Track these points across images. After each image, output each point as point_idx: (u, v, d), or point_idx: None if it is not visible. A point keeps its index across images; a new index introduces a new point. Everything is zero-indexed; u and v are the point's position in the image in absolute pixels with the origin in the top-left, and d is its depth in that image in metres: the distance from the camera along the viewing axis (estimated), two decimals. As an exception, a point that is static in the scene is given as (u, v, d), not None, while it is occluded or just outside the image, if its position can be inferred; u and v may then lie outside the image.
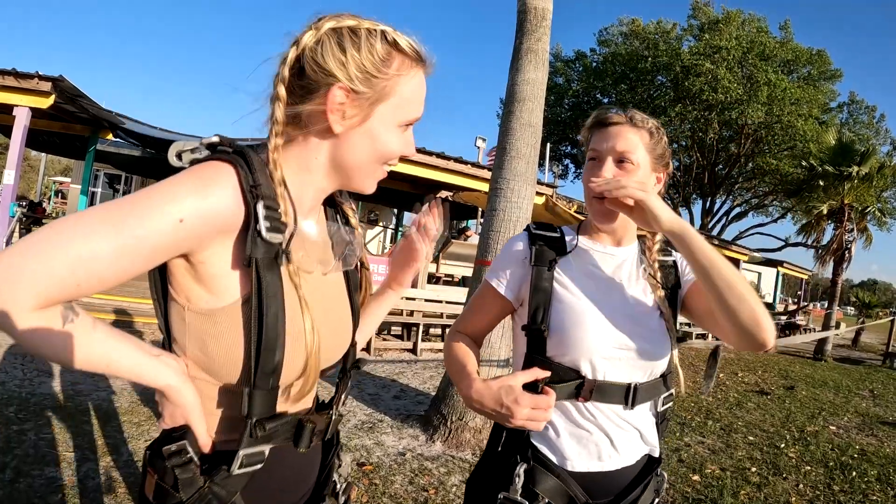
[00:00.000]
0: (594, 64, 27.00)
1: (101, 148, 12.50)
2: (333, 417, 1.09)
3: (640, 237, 1.43)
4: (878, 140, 27.56)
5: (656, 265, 1.38)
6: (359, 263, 1.13)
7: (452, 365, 1.34)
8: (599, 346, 1.24)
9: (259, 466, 0.91)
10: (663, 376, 1.34)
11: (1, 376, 4.71)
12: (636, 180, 1.26)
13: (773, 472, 4.68)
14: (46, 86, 7.94)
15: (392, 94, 0.91)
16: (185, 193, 0.77)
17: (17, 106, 8.05)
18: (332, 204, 1.12)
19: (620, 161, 1.27)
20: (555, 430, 1.29)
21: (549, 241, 1.36)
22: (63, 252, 0.69)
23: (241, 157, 0.85)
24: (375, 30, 0.89)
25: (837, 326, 16.34)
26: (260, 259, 0.83)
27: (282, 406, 0.94)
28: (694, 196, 28.93)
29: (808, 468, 4.88)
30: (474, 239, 12.30)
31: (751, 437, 5.63)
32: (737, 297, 1.11)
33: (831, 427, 6.51)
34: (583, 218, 1.48)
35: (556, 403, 1.20)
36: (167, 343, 0.93)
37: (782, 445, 5.48)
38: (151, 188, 0.78)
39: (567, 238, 1.38)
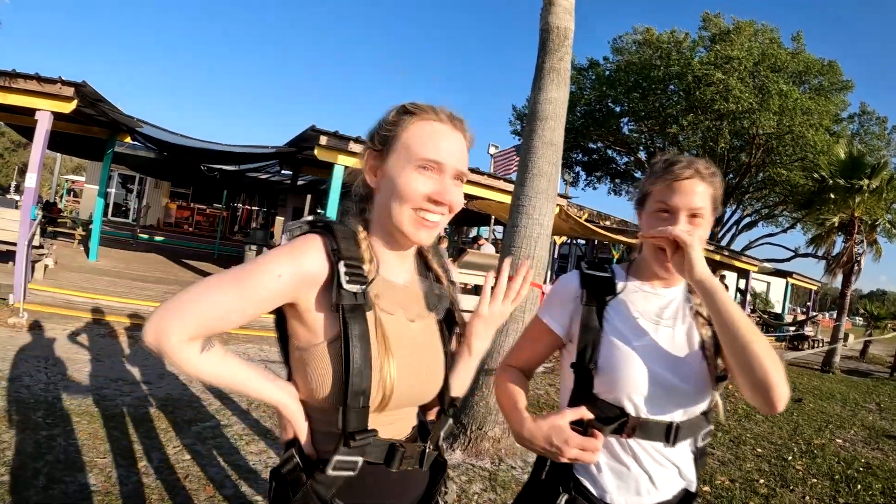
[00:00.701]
0: (607, 72, 27.00)
1: (118, 150, 12.62)
2: (427, 450, 1.21)
3: None
4: (890, 151, 27.47)
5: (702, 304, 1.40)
6: (452, 315, 1.29)
7: (504, 400, 1.45)
8: (644, 386, 1.29)
9: (352, 473, 1.07)
10: (704, 413, 1.38)
11: (26, 380, 4.77)
12: (701, 232, 1.34)
13: (780, 484, 4.76)
14: (69, 91, 8.03)
15: (399, 143, 1.11)
16: (283, 256, 1.04)
17: (39, 110, 8.14)
18: (427, 263, 1.32)
19: (692, 216, 1.33)
20: (597, 465, 1.35)
21: (600, 282, 1.43)
22: (206, 300, 0.99)
23: (328, 228, 1.10)
24: (401, 105, 1.16)
25: (846, 338, 16.31)
26: (346, 305, 1.04)
27: (375, 426, 1.09)
28: (703, 205, 28.86)
29: (815, 480, 4.95)
30: (487, 247, 12.36)
31: (759, 449, 5.69)
32: (752, 357, 1.16)
33: (838, 440, 6.56)
34: (593, 227, 1.58)
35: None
36: (288, 374, 1.17)
37: (790, 458, 5.54)
38: (263, 256, 1.05)
39: (617, 279, 1.45)
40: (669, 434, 1.31)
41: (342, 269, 1.04)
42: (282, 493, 1.12)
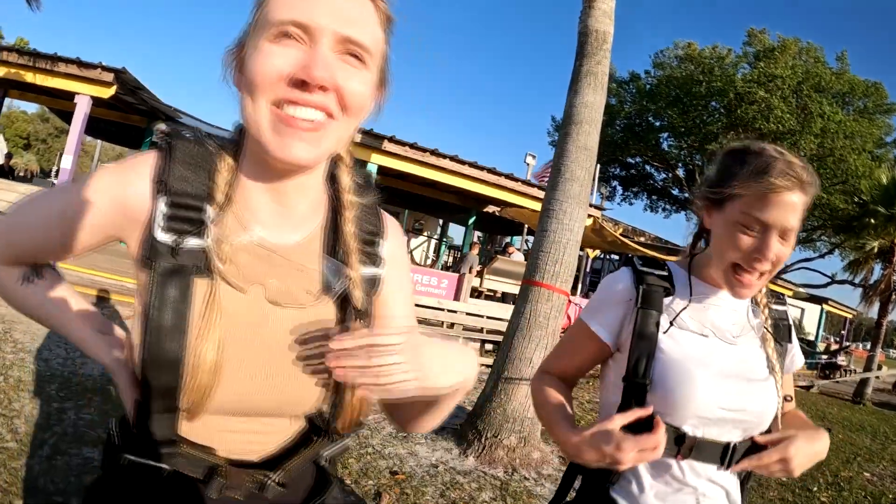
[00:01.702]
0: (648, 86, 26.66)
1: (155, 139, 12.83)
2: (268, 483, 0.84)
3: None
4: (936, 178, 26.64)
5: (769, 316, 1.27)
6: (346, 311, 0.86)
7: (544, 410, 1.27)
8: (707, 407, 1.13)
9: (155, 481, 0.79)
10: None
11: (45, 354, 4.79)
12: (787, 251, 1.12)
13: (805, 515, 4.53)
14: (109, 76, 8.18)
15: (262, 14, 0.73)
16: (104, 176, 0.79)
17: (78, 94, 8.29)
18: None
19: (782, 236, 1.10)
20: (639, 485, 1.19)
21: (656, 281, 1.22)
22: (21, 215, 0.83)
23: (170, 145, 0.77)
24: None
25: (879, 369, 15.84)
26: (158, 264, 0.74)
27: (191, 431, 0.80)
28: (740, 226, 28.34)
29: (840, 514, 4.71)
30: (517, 256, 12.25)
31: (783, 479, 5.44)
32: None
33: (865, 474, 6.31)
34: (628, 242, 1.40)
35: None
36: None
37: (815, 489, 5.33)
38: (91, 173, 0.82)
39: (677, 279, 1.24)
40: (725, 456, 1.16)
41: (160, 208, 0.73)
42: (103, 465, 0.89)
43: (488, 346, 9.23)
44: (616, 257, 22.15)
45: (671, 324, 1.18)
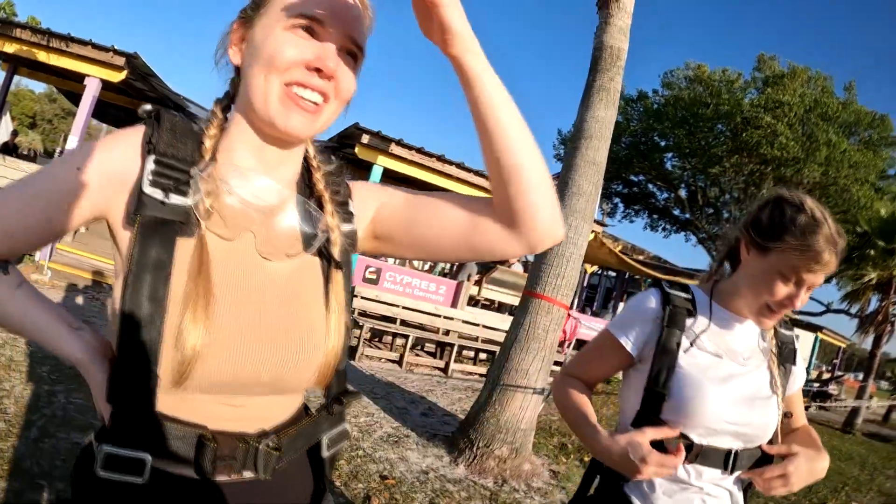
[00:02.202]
0: (655, 105, 26.71)
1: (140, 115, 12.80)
2: (260, 449, 0.81)
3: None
4: (936, 213, 26.72)
5: (777, 341, 1.42)
6: (329, 262, 0.90)
7: (572, 411, 1.39)
8: (715, 420, 1.27)
9: (138, 480, 0.74)
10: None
11: (39, 336, 4.77)
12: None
13: (792, 543, 4.51)
14: (120, 61, 8.15)
15: (274, 5, 0.82)
16: (87, 148, 0.78)
17: (88, 76, 8.27)
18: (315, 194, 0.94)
19: (809, 287, 1.27)
20: (650, 484, 1.33)
21: (682, 303, 1.36)
22: None
23: (157, 117, 0.80)
24: None
25: (870, 399, 15.89)
26: (145, 218, 0.74)
27: (177, 411, 0.77)
28: (738, 249, 28.38)
29: (827, 543, 4.69)
30: (517, 266, 12.25)
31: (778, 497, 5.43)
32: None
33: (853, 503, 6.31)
34: (627, 259, 1.51)
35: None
36: None
37: (804, 517, 5.27)
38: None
39: (699, 303, 1.39)
40: (728, 462, 1.30)
41: (149, 165, 0.75)
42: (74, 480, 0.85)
43: (483, 356, 9.22)
44: (613, 274, 22.17)
45: (691, 344, 1.33)
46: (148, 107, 0.82)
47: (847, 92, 25.01)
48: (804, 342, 28.16)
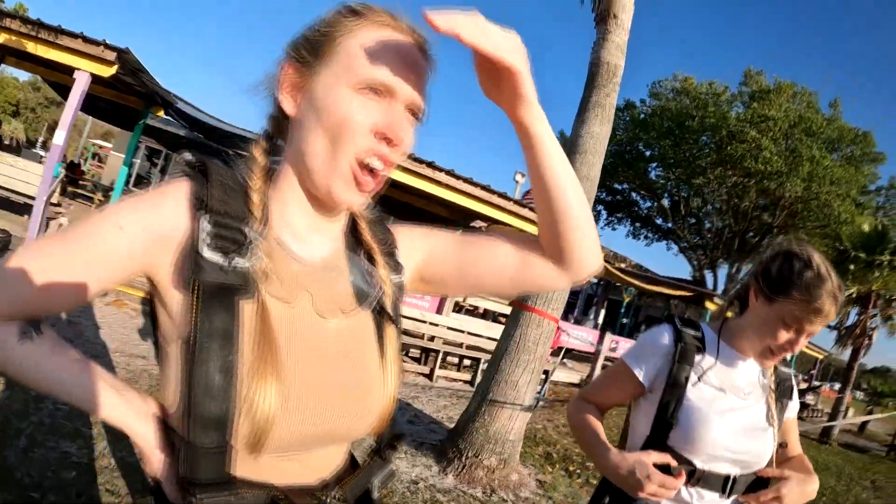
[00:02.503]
0: (642, 115, 26.93)
1: (149, 122, 12.67)
2: (328, 502, 0.83)
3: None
4: (914, 229, 27.19)
5: (776, 378, 1.56)
6: (382, 316, 0.90)
7: (585, 432, 1.52)
8: (716, 448, 1.40)
9: None
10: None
11: (24, 337, 4.69)
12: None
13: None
14: (111, 55, 8.02)
15: (337, 52, 0.78)
16: (131, 205, 0.75)
17: (78, 70, 8.15)
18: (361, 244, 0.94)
19: (809, 334, 1.41)
20: None
21: (692, 341, 1.49)
22: (24, 265, 0.71)
23: (204, 170, 0.78)
24: (342, 4, 0.83)
25: (847, 410, 16.17)
26: (205, 283, 0.71)
27: (248, 472, 0.77)
28: (721, 260, 28.65)
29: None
30: None
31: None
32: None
33: (830, 514, 6.39)
34: (609, 267, 1.63)
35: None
36: None
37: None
38: (110, 205, 0.77)
39: (708, 341, 1.51)
40: (726, 486, 1.43)
41: (205, 226, 0.72)
42: None
43: (467, 362, 9.22)
44: (595, 280, 22.27)
45: (699, 379, 1.45)
46: (189, 156, 0.80)
47: (832, 108, 25.39)
48: (782, 353, 28.46)
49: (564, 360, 11.39)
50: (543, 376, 7.78)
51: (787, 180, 22.07)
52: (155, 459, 0.78)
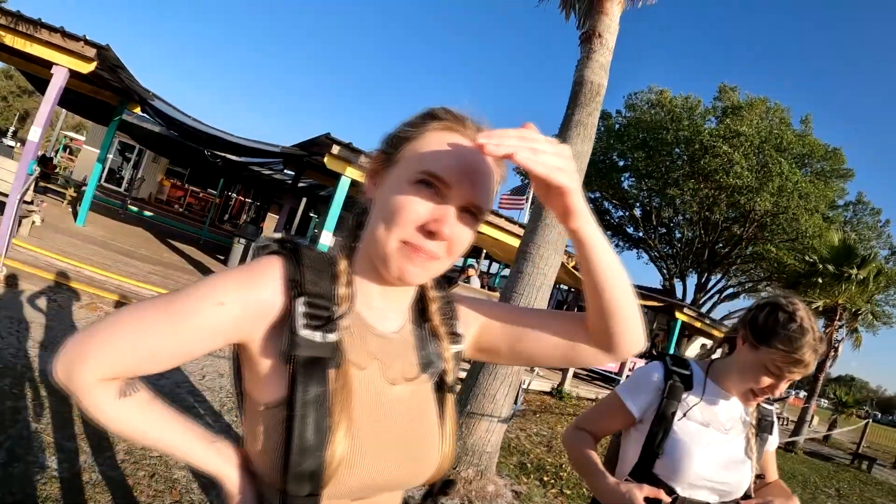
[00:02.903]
0: (617, 126, 27.31)
1: (125, 118, 12.49)
2: None
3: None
4: (879, 244, 27.97)
5: (756, 414, 1.69)
6: (443, 385, 1.00)
7: (583, 460, 1.64)
8: (697, 477, 1.53)
9: None
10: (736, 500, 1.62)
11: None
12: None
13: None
14: (91, 52, 7.89)
15: (408, 150, 0.88)
16: (229, 281, 0.82)
17: (57, 65, 8.00)
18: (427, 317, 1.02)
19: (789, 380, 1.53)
20: None
21: (681, 379, 1.62)
22: (123, 332, 0.78)
23: (296, 251, 0.86)
24: (431, 107, 0.92)
25: (811, 422, 16.54)
26: (300, 358, 0.80)
27: None
28: (690, 270, 29.13)
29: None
30: (475, 281, 12.35)
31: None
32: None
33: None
34: (580, 275, 1.67)
35: None
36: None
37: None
38: (207, 279, 0.83)
39: (695, 378, 1.64)
40: None
41: (300, 308, 0.81)
42: None
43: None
44: (566, 287, 22.45)
45: (684, 414, 1.59)
46: (277, 235, 0.90)
47: (804, 124, 26.01)
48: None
49: (538, 370, 11.49)
50: (519, 386, 7.87)
51: (757, 196, 22.55)
52: (242, 502, 0.87)
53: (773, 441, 1.74)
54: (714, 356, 1.74)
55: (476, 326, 1.07)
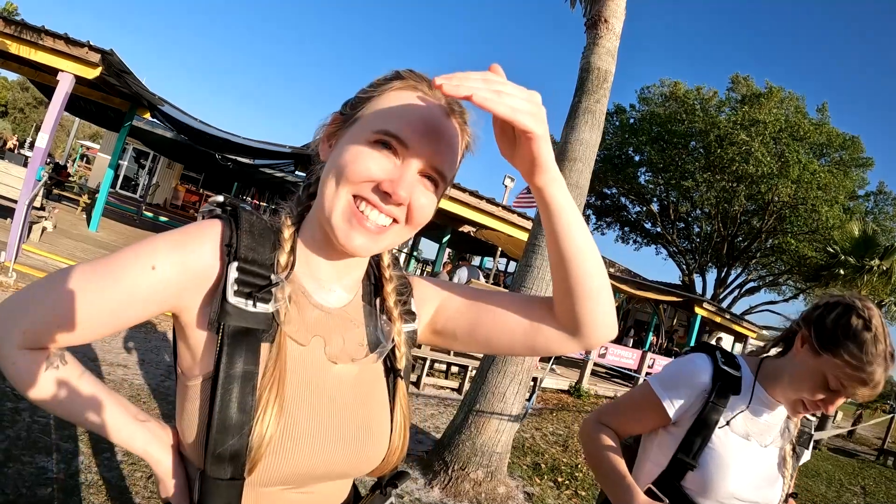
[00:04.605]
0: (631, 120, 27.04)
1: (135, 124, 12.55)
2: None
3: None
4: (902, 233, 27.36)
5: (800, 428, 1.49)
6: (392, 367, 0.93)
7: (604, 464, 1.40)
8: (729, 497, 1.35)
9: None
10: None
11: None
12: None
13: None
14: (95, 57, 7.94)
15: (368, 109, 0.82)
16: (164, 243, 0.76)
17: (62, 71, 8.04)
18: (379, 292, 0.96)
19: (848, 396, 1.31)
20: None
21: (731, 381, 1.39)
22: (46, 295, 0.73)
23: (235, 214, 0.81)
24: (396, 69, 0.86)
25: (835, 416, 16.24)
26: (229, 327, 0.74)
27: (255, 502, 0.81)
28: (709, 265, 28.75)
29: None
30: (462, 272, 12.26)
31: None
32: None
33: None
34: None
35: None
36: None
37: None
38: (141, 241, 0.77)
39: (744, 381, 1.41)
40: None
41: (232, 273, 0.75)
42: None
43: (454, 369, 9.17)
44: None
45: (727, 423, 1.37)
46: (219, 198, 0.84)
47: (820, 113, 25.57)
48: (771, 357, 28.60)
49: (553, 367, 11.35)
50: (532, 383, 7.74)
51: (777, 183, 22.18)
52: (171, 486, 0.82)
53: (806, 456, 1.53)
54: (767, 354, 1.51)
55: (432, 306, 1.00)
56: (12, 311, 0.74)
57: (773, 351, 1.50)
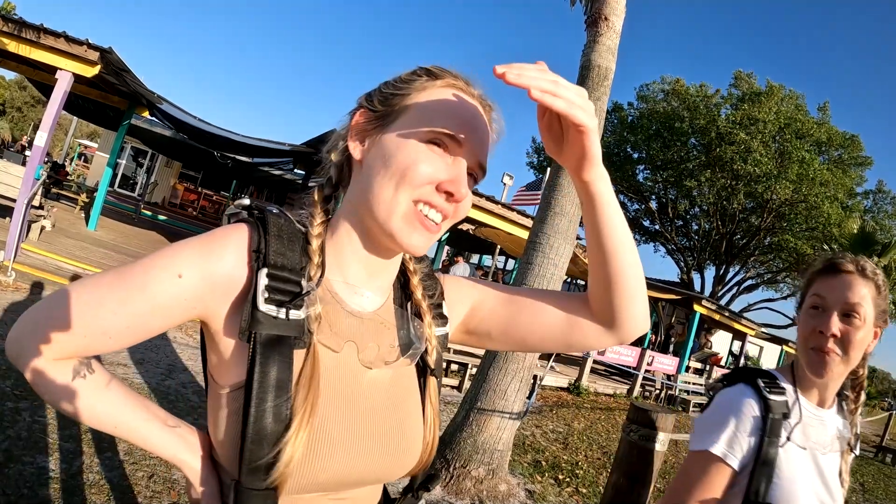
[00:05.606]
0: (630, 118, 27.03)
1: (134, 122, 12.53)
2: None
3: (839, 395, 1.41)
4: (900, 232, 27.36)
5: (853, 429, 1.40)
6: (425, 369, 0.92)
7: None
8: None
9: None
10: None
11: (1, 344, 4.58)
12: (859, 335, 1.24)
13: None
14: (94, 55, 7.91)
15: (409, 107, 0.81)
16: (189, 251, 0.74)
17: (61, 69, 8.02)
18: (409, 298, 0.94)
19: (846, 314, 1.24)
20: None
21: (780, 408, 1.30)
22: (70, 305, 0.71)
23: (263, 218, 0.78)
24: (419, 66, 0.86)
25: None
26: (260, 335, 0.72)
27: None
28: (708, 262, 28.77)
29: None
30: (458, 268, 12.26)
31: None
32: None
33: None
34: None
35: None
36: None
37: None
38: (166, 248, 0.75)
39: (790, 402, 1.32)
40: None
41: (262, 280, 0.73)
42: None
43: (454, 367, 9.17)
44: (583, 283, 22.27)
45: (788, 438, 1.28)
46: (245, 201, 0.82)
47: (821, 112, 25.57)
48: (769, 355, 28.72)
49: (553, 364, 11.35)
50: (533, 381, 7.74)
51: (776, 182, 22.18)
52: (201, 492, 0.80)
53: (851, 458, 1.45)
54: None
55: (465, 306, 0.99)
56: (36, 321, 0.73)
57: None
